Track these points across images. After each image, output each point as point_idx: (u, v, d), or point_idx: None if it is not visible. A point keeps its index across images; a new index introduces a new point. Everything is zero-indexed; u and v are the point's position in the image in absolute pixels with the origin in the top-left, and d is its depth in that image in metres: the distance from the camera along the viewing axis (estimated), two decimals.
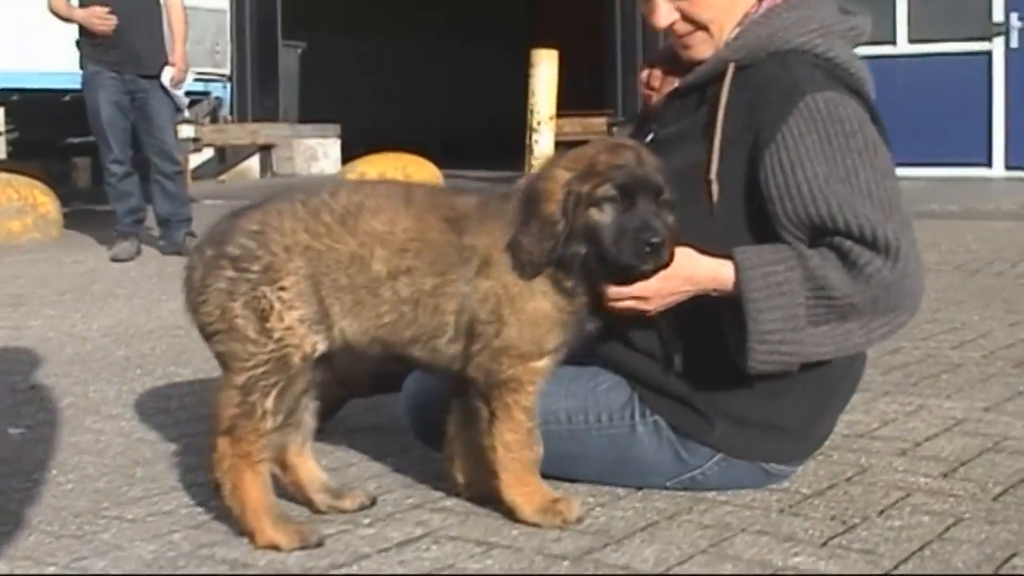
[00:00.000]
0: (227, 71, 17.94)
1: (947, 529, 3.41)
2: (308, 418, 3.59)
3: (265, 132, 19.45)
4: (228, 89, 18.16)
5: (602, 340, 3.61)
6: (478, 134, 23.97)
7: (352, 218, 3.36)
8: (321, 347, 3.36)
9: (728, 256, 3.43)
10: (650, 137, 3.71)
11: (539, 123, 11.96)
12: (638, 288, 3.38)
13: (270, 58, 20.36)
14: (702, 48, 3.69)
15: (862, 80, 3.64)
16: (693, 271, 3.41)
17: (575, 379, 3.66)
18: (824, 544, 3.30)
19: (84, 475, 4.10)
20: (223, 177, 18.95)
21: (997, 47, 16.12)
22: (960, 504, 3.61)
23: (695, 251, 3.42)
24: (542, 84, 11.93)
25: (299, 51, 20.86)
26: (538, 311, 3.35)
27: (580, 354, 3.61)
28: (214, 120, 18.14)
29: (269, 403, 3.32)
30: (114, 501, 3.81)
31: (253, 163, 19.55)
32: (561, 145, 12.39)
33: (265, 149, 19.55)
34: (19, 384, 5.58)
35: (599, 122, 18.49)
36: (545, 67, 11.90)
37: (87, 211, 13.61)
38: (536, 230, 3.28)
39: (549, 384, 3.50)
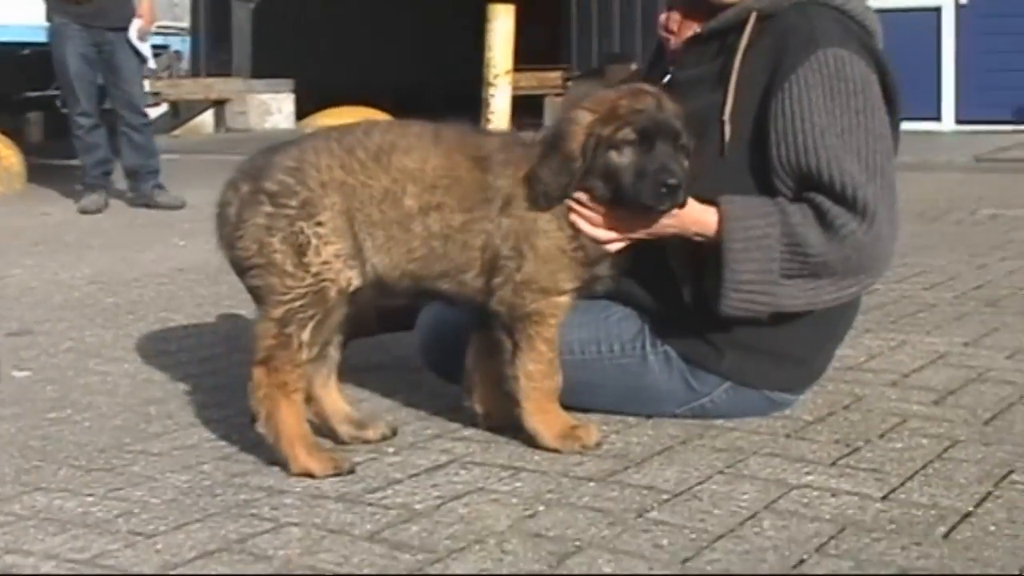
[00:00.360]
0: (186, 24, 17.90)
1: (945, 450, 3.58)
2: (333, 351, 3.72)
3: (219, 87, 19.44)
4: (187, 43, 18.12)
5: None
6: (430, 89, 23.95)
7: (386, 156, 3.48)
8: (356, 282, 3.48)
9: (717, 202, 3.58)
10: (667, 79, 3.84)
11: (496, 77, 11.95)
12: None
13: (223, 13, 20.34)
14: None
15: (873, 32, 3.80)
16: (681, 211, 3.55)
17: (586, 311, 3.78)
18: (833, 464, 3.47)
19: (99, 414, 4.20)
20: (177, 132, 18.92)
21: (947, 3, 16.32)
22: (954, 428, 3.79)
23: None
24: (499, 38, 11.92)
25: (251, 6, 20.82)
26: (548, 250, 3.50)
27: None
28: (171, 75, 18.11)
29: (306, 335, 3.44)
30: (135, 437, 3.92)
31: (207, 118, 19.52)
32: (518, 100, 12.53)
33: (219, 104, 19.53)
34: (14, 329, 5.66)
35: (555, 76, 18.62)
36: (502, 21, 11.90)
37: (43, 165, 13.59)
38: (555, 165, 3.43)
39: None
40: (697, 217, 3.53)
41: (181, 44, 17.90)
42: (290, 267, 3.42)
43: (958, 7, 16.26)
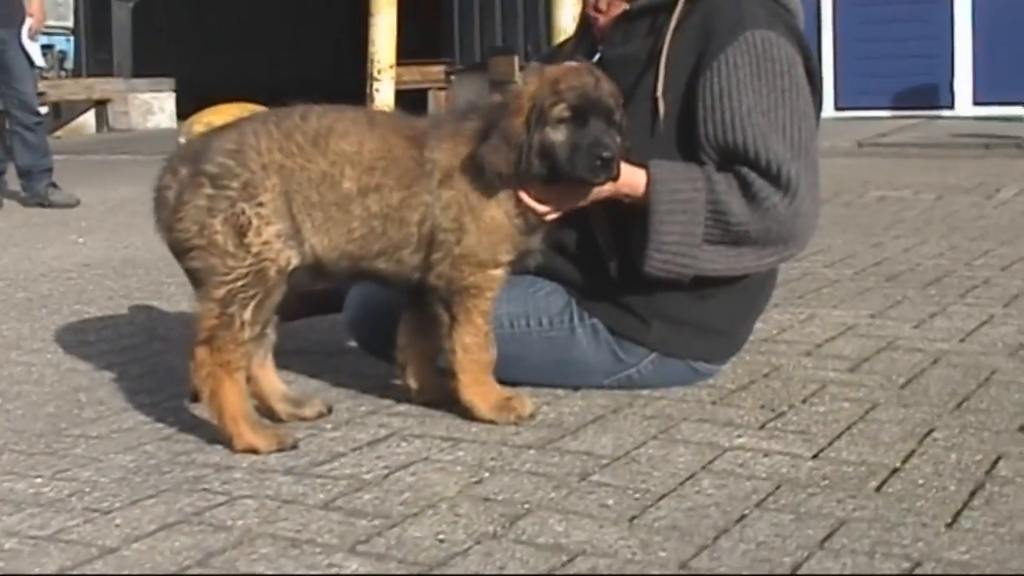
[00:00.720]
0: (70, 24, 17.75)
1: (867, 412, 3.74)
2: (269, 332, 3.78)
3: (100, 87, 19.31)
4: (72, 42, 17.97)
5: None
6: (311, 85, 23.87)
7: (323, 139, 3.56)
8: (295, 261, 3.55)
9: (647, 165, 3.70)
10: (597, 57, 3.95)
11: (379, 72, 12.00)
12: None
13: (103, 13, 20.19)
14: None
15: (795, 14, 3.94)
16: None
17: (514, 286, 3.87)
18: (762, 427, 3.61)
19: (29, 402, 4.23)
20: (59, 133, 18.74)
21: None
22: (873, 392, 3.95)
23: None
24: (382, 33, 11.96)
25: (131, 5, 20.68)
26: (494, 220, 3.60)
27: None
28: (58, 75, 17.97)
29: (247, 314, 3.50)
30: (71, 422, 3.95)
31: (88, 118, 19.38)
32: (401, 94, 12.59)
33: (100, 104, 19.40)
34: None
35: (437, 70, 18.69)
36: (384, 16, 11.93)
37: None
38: (501, 143, 3.52)
39: None
40: (628, 179, 3.65)
41: (66, 44, 17.76)
42: (231, 247, 3.49)
43: None
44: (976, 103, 15.95)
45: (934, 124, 14.82)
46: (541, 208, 3.61)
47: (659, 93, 3.77)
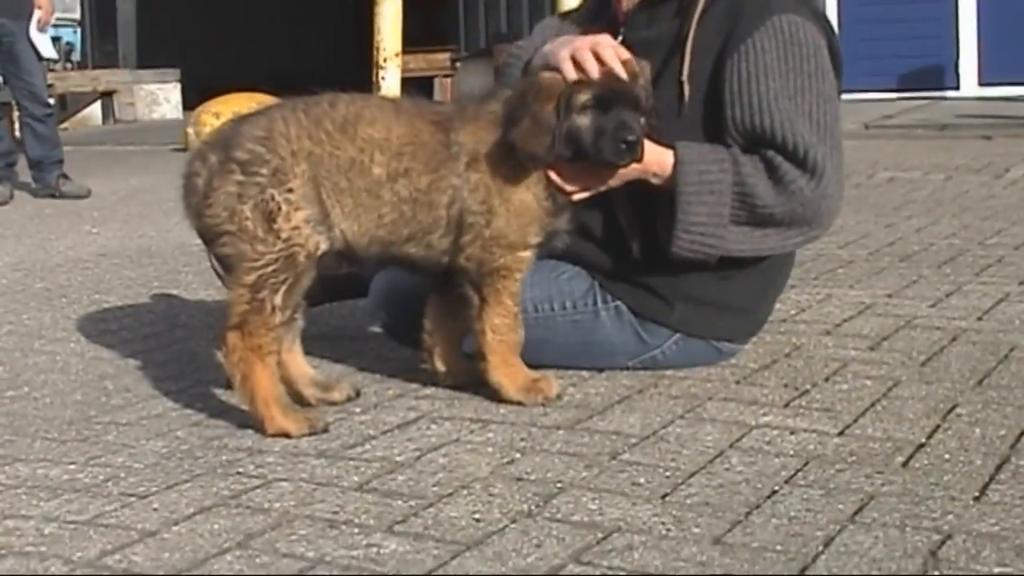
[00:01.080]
0: (77, 15, 17.78)
1: (889, 389, 3.77)
2: (298, 317, 3.81)
3: (106, 78, 19.35)
4: (79, 34, 17.99)
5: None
6: (313, 75, 23.86)
7: (351, 126, 3.60)
8: (323, 246, 3.59)
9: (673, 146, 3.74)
10: (619, 40, 3.98)
11: (385, 60, 11.99)
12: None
13: (108, 5, 20.22)
14: None
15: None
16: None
17: (537, 270, 3.89)
18: (786, 405, 3.65)
19: (56, 390, 4.27)
20: (65, 125, 18.73)
21: None
22: (894, 370, 3.99)
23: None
24: (387, 21, 11.95)
25: None
26: (523, 203, 3.64)
27: None
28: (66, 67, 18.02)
29: (278, 299, 3.54)
30: (99, 410, 4.00)
31: (95, 110, 19.43)
32: (407, 82, 12.62)
33: (106, 96, 19.44)
34: None
35: (442, 58, 18.75)
36: (390, 4, 11.94)
37: None
38: (534, 128, 3.56)
39: None
40: (655, 160, 3.70)
41: (73, 35, 17.78)
42: (261, 233, 3.52)
43: None
44: (982, 84, 15.94)
45: (940, 105, 14.82)
46: (569, 188, 3.66)
47: (685, 77, 3.81)
